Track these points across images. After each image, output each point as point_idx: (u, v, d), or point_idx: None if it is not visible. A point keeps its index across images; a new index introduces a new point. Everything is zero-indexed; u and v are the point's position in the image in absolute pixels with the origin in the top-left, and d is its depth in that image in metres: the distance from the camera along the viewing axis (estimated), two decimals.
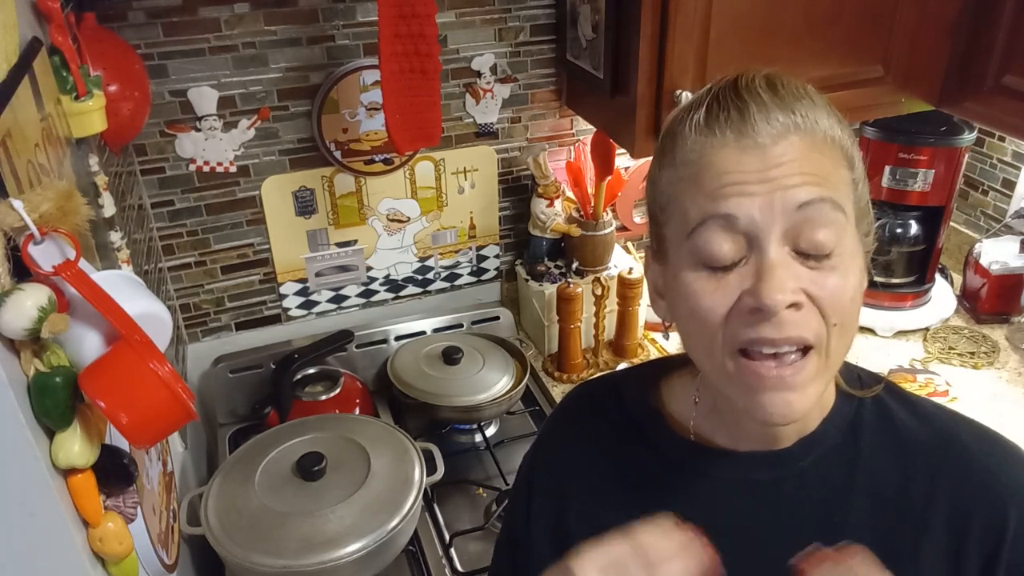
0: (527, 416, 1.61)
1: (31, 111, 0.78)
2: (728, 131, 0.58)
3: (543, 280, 1.66)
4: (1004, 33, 1.28)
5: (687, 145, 0.61)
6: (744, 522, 0.68)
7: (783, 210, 0.57)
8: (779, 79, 0.60)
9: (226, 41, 1.37)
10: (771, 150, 0.57)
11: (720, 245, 0.58)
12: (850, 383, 0.71)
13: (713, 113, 0.59)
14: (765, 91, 0.59)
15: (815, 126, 0.59)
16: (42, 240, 0.64)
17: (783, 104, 0.59)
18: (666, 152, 0.63)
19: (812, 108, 0.59)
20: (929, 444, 0.67)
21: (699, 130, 0.60)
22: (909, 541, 0.65)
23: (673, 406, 0.74)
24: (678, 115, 0.63)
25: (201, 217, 1.49)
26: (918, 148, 1.56)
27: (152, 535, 0.89)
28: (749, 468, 0.69)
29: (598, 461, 0.77)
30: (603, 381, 0.84)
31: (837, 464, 0.68)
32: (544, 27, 1.55)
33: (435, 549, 1.28)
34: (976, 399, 1.50)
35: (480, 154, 1.63)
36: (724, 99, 0.60)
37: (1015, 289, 1.65)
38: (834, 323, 0.58)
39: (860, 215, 0.62)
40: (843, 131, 0.61)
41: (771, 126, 0.58)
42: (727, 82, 0.61)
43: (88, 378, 0.68)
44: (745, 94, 0.59)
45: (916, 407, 0.71)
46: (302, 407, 1.48)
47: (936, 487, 0.65)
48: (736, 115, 0.58)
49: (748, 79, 0.60)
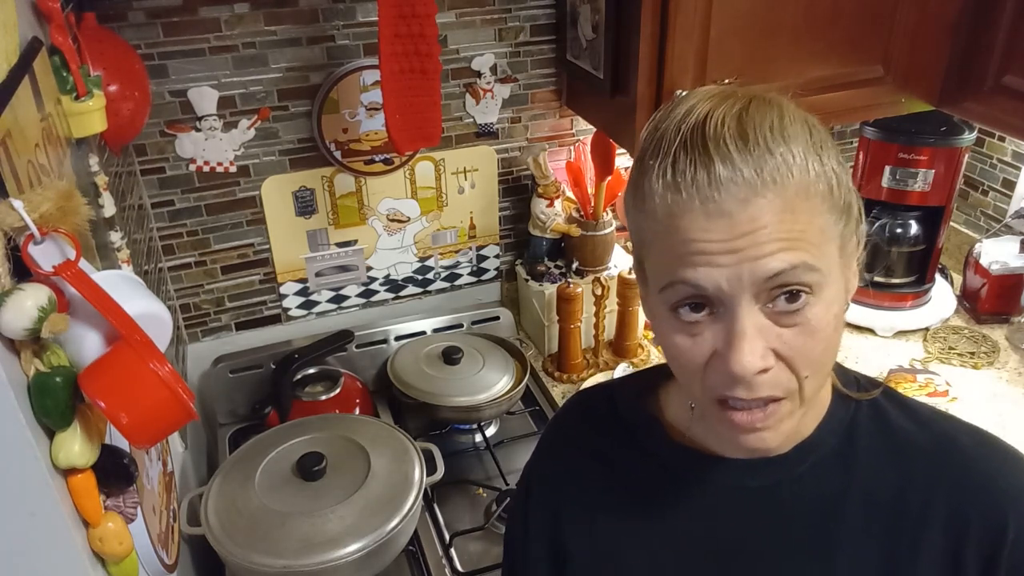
0: (527, 416, 1.61)
1: (31, 111, 0.78)
2: (694, 192, 0.55)
3: (543, 280, 1.66)
4: (1004, 33, 1.28)
5: (655, 200, 0.57)
6: (740, 528, 0.68)
7: (752, 281, 0.55)
8: (751, 121, 0.56)
9: (226, 41, 1.37)
10: (738, 216, 0.54)
11: (689, 309, 0.58)
12: (847, 386, 0.70)
13: (679, 168, 0.55)
14: (734, 141, 0.55)
15: (787, 180, 0.55)
16: (42, 240, 0.64)
17: (751, 158, 0.54)
18: (637, 191, 0.60)
19: (786, 155, 0.55)
20: (927, 448, 0.67)
21: (666, 184, 0.56)
22: (906, 546, 0.64)
23: (671, 413, 0.74)
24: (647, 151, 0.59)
25: (201, 217, 1.49)
26: (918, 148, 1.56)
27: (152, 535, 0.89)
28: (744, 474, 0.68)
29: (593, 471, 0.76)
30: (598, 390, 0.84)
31: (833, 469, 0.67)
32: (544, 27, 1.55)
33: (435, 549, 1.28)
34: (976, 399, 1.50)
35: (480, 154, 1.63)
36: (691, 149, 0.55)
37: (1015, 289, 1.65)
38: (805, 375, 0.58)
39: (845, 244, 0.60)
40: (824, 161, 0.57)
41: (738, 188, 0.54)
42: (697, 122, 0.56)
43: (88, 378, 0.68)
44: (711, 146, 0.55)
45: (914, 411, 0.70)
46: (302, 407, 1.48)
47: (934, 492, 0.65)
48: (702, 175, 0.54)
49: (717, 123, 0.56)
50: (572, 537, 0.75)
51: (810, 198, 0.56)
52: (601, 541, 0.74)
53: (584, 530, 0.75)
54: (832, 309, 0.58)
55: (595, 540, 0.74)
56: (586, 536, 0.75)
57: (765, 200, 0.54)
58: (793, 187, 0.55)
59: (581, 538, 0.75)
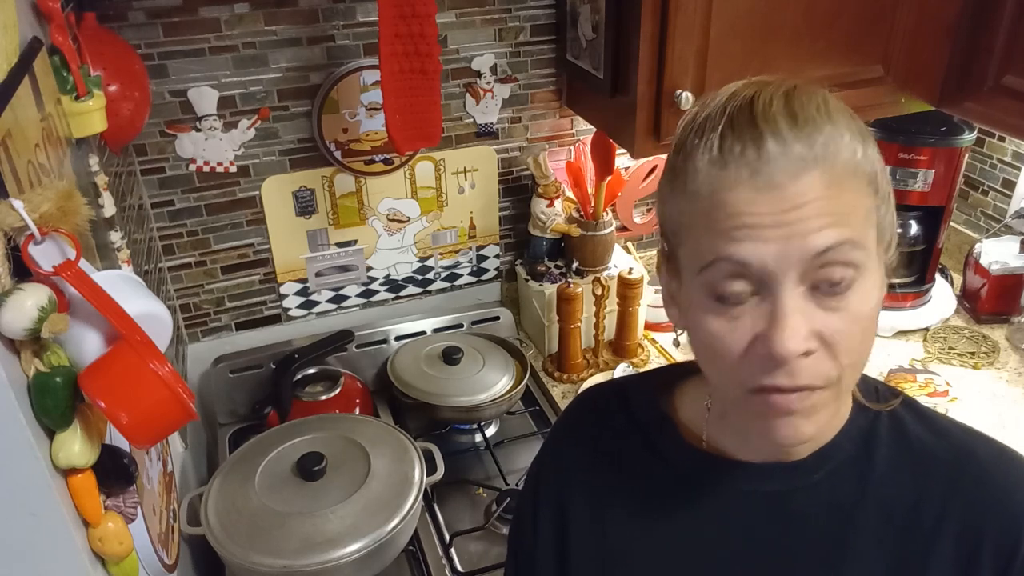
0: (527, 416, 1.61)
1: (31, 111, 0.78)
2: (743, 167, 0.54)
3: (543, 280, 1.66)
4: (1004, 33, 1.28)
5: (699, 177, 0.57)
6: (751, 533, 0.67)
7: (800, 257, 0.54)
8: (799, 100, 0.56)
9: (226, 41, 1.37)
10: (788, 190, 0.53)
11: (731, 286, 0.56)
12: (867, 396, 0.69)
13: (727, 144, 0.55)
14: (784, 118, 0.55)
15: (837, 157, 0.54)
16: (42, 240, 0.64)
17: (802, 134, 0.54)
18: (677, 175, 0.59)
19: (834, 133, 0.55)
20: (944, 460, 0.66)
21: (712, 161, 0.56)
22: (917, 557, 0.64)
23: (686, 413, 0.73)
24: (689, 134, 0.59)
25: (201, 217, 1.49)
26: (918, 148, 1.56)
27: (152, 535, 0.89)
28: (760, 479, 0.67)
29: (602, 471, 0.75)
30: (609, 387, 0.82)
31: (849, 477, 0.66)
32: (544, 27, 1.55)
33: (435, 549, 1.28)
34: (976, 399, 1.50)
35: (480, 154, 1.63)
36: (739, 127, 0.55)
37: (1015, 289, 1.65)
38: (846, 363, 0.57)
39: (883, 234, 0.60)
40: (868, 149, 0.57)
41: (788, 162, 0.53)
42: (744, 101, 0.56)
43: (88, 378, 0.68)
44: (761, 122, 0.55)
45: (932, 422, 0.69)
46: (302, 407, 1.48)
47: (948, 504, 0.64)
48: (752, 150, 0.54)
49: (766, 101, 0.56)
50: (579, 535, 0.75)
51: (857, 176, 0.56)
52: (610, 541, 0.73)
53: (593, 529, 0.74)
54: (873, 297, 0.58)
55: (603, 539, 0.74)
56: (594, 535, 0.74)
57: (815, 174, 0.54)
58: (841, 164, 0.55)
59: (589, 536, 0.74)
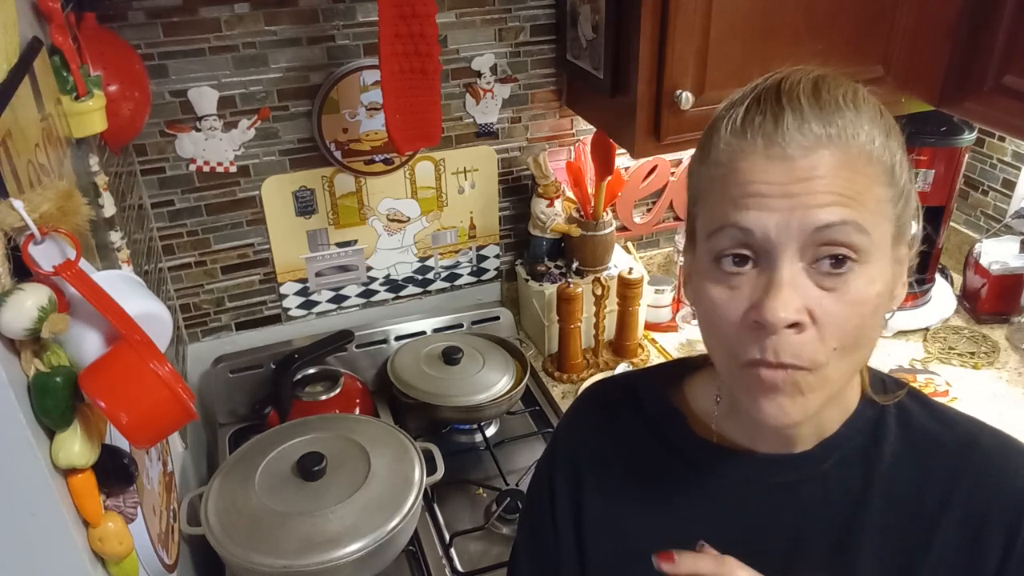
0: (527, 416, 1.61)
1: (31, 111, 0.78)
2: (759, 137, 0.57)
3: (543, 280, 1.66)
4: (1004, 33, 1.28)
5: (720, 145, 0.59)
6: (761, 524, 0.68)
7: (800, 230, 0.55)
8: (826, 84, 0.58)
9: (226, 41, 1.37)
10: (798, 162, 0.55)
11: (732, 258, 0.58)
12: (874, 388, 0.70)
13: (750, 115, 0.58)
14: (807, 97, 0.57)
15: (852, 140, 0.56)
16: (42, 240, 0.64)
17: (821, 114, 0.56)
18: (704, 147, 0.62)
19: (854, 119, 0.57)
20: (949, 448, 0.67)
21: (733, 131, 0.58)
22: (921, 544, 0.65)
23: (696, 405, 0.74)
24: (721, 111, 0.62)
25: (201, 217, 1.49)
26: (918, 148, 1.56)
27: (152, 535, 0.89)
28: (768, 470, 0.68)
29: (613, 463, 0.76)
30: (618, 380, 0.83)
31: (857, 467, 0.67)
32: (544, 27, 1.55)
33: (435, 549, 1.28)
34: (976, 399, 1.50)
35: (480, 154, 1.63)
36: (764, 101, 0.58)
37: (1015, 289, 1.65)
38: (833, 347, 0.57)
39: (900, 230, 0.60)
40: (889, 143, 0.59)
41: (803, 136, 0.55)
42: (773, 82, 0.59)
43: (88, 378, 0.68)
44: (785, 99, 0.57)
45: (939, 412, 0.70)
46: (302, 407, 1.48)
47: (953, 491, 0.65)
48: (770, 121, 0.57)
49: (793, 81, 0.58)
50: (594, 529, 0.75)
51: (872, 164, 0.57)
52: (625, 534, 0.74)
53: (608, 522, 0.75)
54: (875, 287, 0.58)
55: (618, 533, 0.74)
56: (609, 528, 0.75)
57: (827, 152, 0.55)
58: (856, 148, 0.56)
59: (604, 530, 0.75)
